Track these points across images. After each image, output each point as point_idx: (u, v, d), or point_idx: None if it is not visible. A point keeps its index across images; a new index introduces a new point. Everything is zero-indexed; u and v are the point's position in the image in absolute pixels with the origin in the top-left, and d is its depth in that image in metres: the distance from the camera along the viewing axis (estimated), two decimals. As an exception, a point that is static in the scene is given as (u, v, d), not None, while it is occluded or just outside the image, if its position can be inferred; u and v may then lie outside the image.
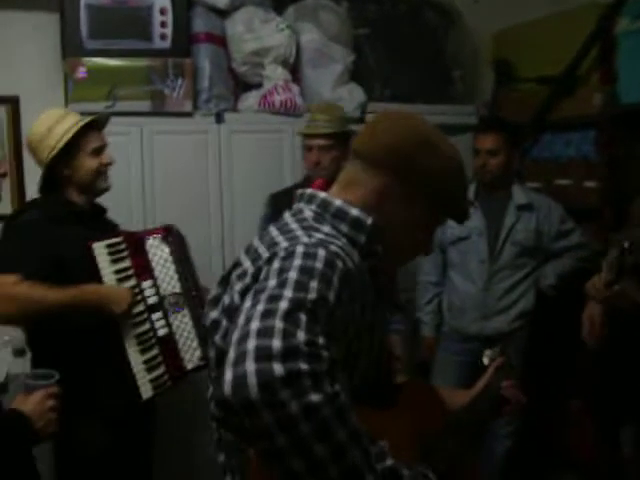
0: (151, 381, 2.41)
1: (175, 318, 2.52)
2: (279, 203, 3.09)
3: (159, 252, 2.55)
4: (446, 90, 3.86)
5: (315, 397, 1.00)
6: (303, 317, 1.07)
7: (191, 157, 3.32)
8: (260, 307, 1.09)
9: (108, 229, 2.58)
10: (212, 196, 3.37)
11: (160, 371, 2.44)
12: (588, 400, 3.48)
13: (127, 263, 2.45)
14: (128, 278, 2.44)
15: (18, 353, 3.07)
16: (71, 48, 3.18)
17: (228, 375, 1.01)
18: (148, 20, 3.26)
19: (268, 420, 0.99)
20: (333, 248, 1.23)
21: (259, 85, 3.50)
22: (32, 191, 3.34)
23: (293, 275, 1.14)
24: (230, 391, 1.00)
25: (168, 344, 2.48)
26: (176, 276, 2.57)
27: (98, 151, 2.49)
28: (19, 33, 3.36)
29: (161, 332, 2.47)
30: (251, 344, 1.03)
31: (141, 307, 2.46)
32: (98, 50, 3.19)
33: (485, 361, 1.83)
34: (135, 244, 2.49)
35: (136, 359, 2.38)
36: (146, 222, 3.13)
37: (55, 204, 2.45)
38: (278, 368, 1.00)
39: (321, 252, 1.20)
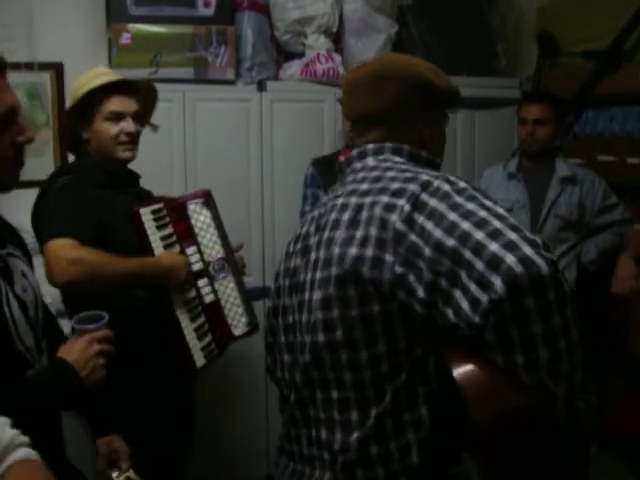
0: (202, 349, 2.35)
1: (220, 284, 2.45)
2: (321, 166, 3.19)
3: (201, 217, 2.46)
4: (490, 63, 3.83)
5: (567, 284, 1.15)
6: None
7: (233, 125, 3.33)
8: (482, 213, 1.19)
9: (143, 195, 2.49)
10: (253, 163, 3.37)
11: (208, 339, 2.38)
12: (626, 379, 3.45)
13: (170, 229, 2.34)
14: (172, 245, 2.33)
15: (60, 314, 3.11)
16: (116, 14, 3.19)
17: (509, 259, 1.10)
18: (192, -13, 3.27)
19: (552, 297, 1.11)
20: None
21: (301, 54, 3.49)
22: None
23: (472, 193, 1.25)
24: (522, 270, 1.09)
25: (215, 311, 2.41)
26: (219, 241, 2.49)
27: (119, 117, 2.33)
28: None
29: (208, 299, 2.40)
30: (512, 235, 1.13)
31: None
32: (142, 16, 3.19)
33: None
34: (177, 210, 2.38)
35: (188, 327, 2.31)
36: (187, 188, 3.14)
37: (87, 168, 2.34)
38: (548, 255, 1.12)
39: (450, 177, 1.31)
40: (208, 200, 2.51)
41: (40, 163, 3.35)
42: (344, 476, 1.38)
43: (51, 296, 3.17)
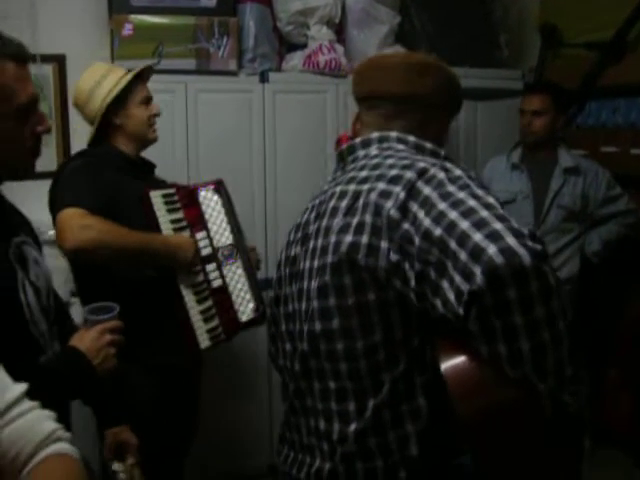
0: (208, 331, 2.36)
1: (229, 270, 2.48)
2: None
3: (212, 204, 2.51)
4: (492, 54, 3.82)
5: (554, 276, 1.11)
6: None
7: (235, 116, 3.32)
8: (471, 202, 1.17)
9: (157, 183, 2.55)
10: (255, 155, 3.37)
11: (215, 323, 2.39)
12: (626, 371, 3.45)
13: (180, 214, 2.40)
14: (182, 229, 2.39)
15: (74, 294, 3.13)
16: (118, 5, 3.18)
17: (491, 249, 1.08)
18: (194, -22, 3.26)
19: (534, 288, 1.08)
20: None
21: (304, 45, 3.49)
22: (77, 148, 3.38)
23: (465, 181, 1.24)
24: (502, 260, 1.07)
25: (222, 295, 2.44)
26: (228, 227, 2.52)
27: (147, 101, 2.48)
28: (66, -9, 3.36)
29: (215, 283, 2.42)
30: (497, 225, 1.11)
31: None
32: (145, 7, 3.19)
33: None
34: (188, 196, 2.45)
35: (193, 308, 2.34)
36: (190, 179, 3.14)
37: (105, 152, 2.42)
38: (534, 245, 1.09)
39: (447, 165, 1.30)
40: (219, 188, 2.56)
41: (43, 154, 3.34)
42: (344, 467, 1.38)
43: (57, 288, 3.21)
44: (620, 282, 3.42)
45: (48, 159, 3.39)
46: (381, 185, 1.31)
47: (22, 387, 1.20)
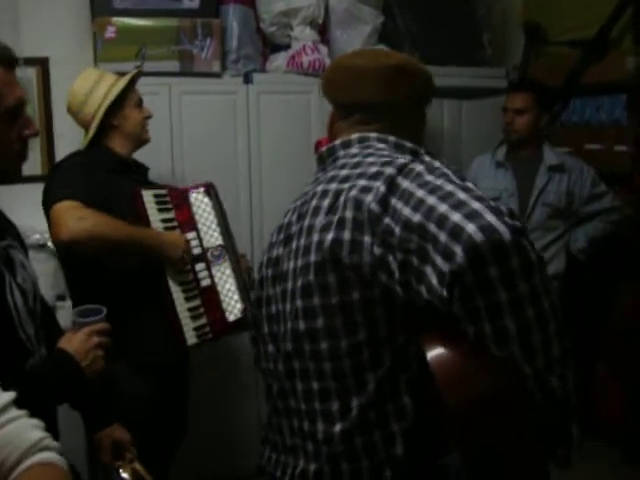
0: (195, 329, 2.42)
1: (217, 270, 2.54)
2: None
3: (202, 205, 2.58)
4: (476, 53, 3.82)
5: (535, 251, 1.12)
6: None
7: (219, 117, 3.32)
8: (449, 187, 1.17)
9: (150, 185, 2.61)
10: (240, 156, 3.36)
11: (203, 321, 2.45)
12: (616, 365, 3.47)
13: (171, 214, 2.47)
14: (173, 229, 2.46)
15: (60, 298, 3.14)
16: (100, 8, 3.17)
17: (470, 227, 1.08)
18: (177, -20, 3.25)
19: (515, 264, 1.08)
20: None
21: (287, 46, 3.48)
22: (62, 153, 3.38)
23: (443, 170, 1.25)
24: (482, 237, 1.07)
25: (210, 295, 2.49)
26: (218, 229, 2.59)
27: (140, 103, 2.54)
28: (48, -6, 3.35)
29: (204, 283, 2.49)
30: (476, 205, 1.11)
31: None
32: (127, 10, 3.18)
33: None
34: (179, 197, 2.52)
35: (181, 306, 2.40)
36: (175, 181, 3.13)
37: (99, 154, 2.45)
38: (513, 222, 1.10)
39: (426, 158, 1.33)
40: (209, 190, 2.63)
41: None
42: (329, 468, 1.37)
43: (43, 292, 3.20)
44: (607, 279, 3.43)
45: (32, 163, 3.36)
46: (362, 182, 1.31)
47: (10, 395, 1.20)
